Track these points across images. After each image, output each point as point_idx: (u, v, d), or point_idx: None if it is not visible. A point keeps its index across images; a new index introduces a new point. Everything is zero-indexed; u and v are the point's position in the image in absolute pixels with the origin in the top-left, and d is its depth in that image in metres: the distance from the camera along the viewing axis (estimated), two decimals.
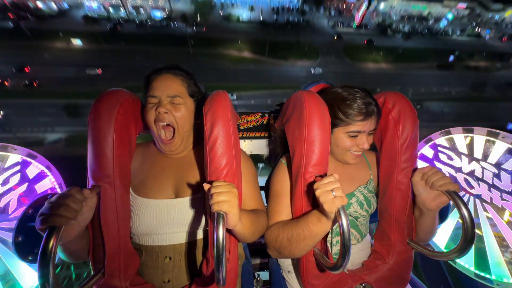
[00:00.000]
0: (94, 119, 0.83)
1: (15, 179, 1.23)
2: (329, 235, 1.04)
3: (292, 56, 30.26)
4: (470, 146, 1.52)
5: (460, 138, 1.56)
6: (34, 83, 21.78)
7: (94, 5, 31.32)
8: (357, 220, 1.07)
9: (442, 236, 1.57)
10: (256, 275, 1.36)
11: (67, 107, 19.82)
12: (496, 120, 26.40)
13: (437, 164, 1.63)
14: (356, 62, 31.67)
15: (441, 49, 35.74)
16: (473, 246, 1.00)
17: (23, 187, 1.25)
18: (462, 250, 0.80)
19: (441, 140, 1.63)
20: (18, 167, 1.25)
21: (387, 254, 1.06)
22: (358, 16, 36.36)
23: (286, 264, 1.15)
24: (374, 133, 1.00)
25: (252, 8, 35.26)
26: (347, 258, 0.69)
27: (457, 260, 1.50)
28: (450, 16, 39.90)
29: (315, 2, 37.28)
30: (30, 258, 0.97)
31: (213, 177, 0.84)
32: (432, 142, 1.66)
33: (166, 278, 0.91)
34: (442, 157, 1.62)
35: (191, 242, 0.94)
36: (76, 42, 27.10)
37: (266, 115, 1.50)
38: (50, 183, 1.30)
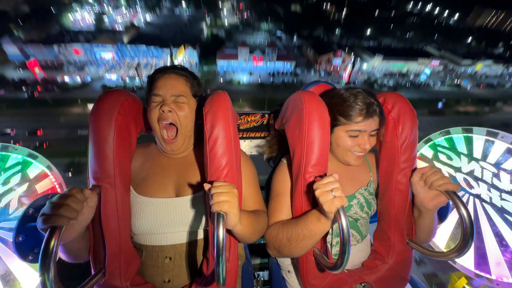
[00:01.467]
0: (94, 119, 0.83)
1: (16, 179, 1.24)
2: (329, 236, 1.04)
3: None
4: (470, 146, 1.52)
5: (459, 138, 1.56)
6: (44, 144, 22.88)
7: (113, 77, 35.26)
8: (357, 222, 1.07)
9: (442, 236, 1.57)
10: (256, 275, 1.36)
11: (70, 165, 20.32)
12: None
13: (437, 164, 1.64)
14: None
15: (428, 98, 37.69)
16: (472, 246, 1.00)
17: (24, 187, 1.25)
18: (461, 249, 0.80)
19: (441, 140, 1.63)
20: (19, 167, 1.25)
21: (387, 254, 1.06)
22: (345, 75, 40.29)
23: (286, 264, 1.16)
24: (376, 134, 1.00)
25: (251, 74, 40.20)
26: (347, 258, 0.69)
27: (457, 260, 1.50)
28: (427, 71, 44.64)
29: (306, 66, 43.56)
30: (30, 258, 0.97)
31: (213, 177, 0.84)
32: (431, 142, 1.67)
33: (167, 278, 0.91)
34: (442, 157, 1.62)
35: (192, 242, 0.94)
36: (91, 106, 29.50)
37: (266, 115, 1.51)
38: (50, 183, 1.30)
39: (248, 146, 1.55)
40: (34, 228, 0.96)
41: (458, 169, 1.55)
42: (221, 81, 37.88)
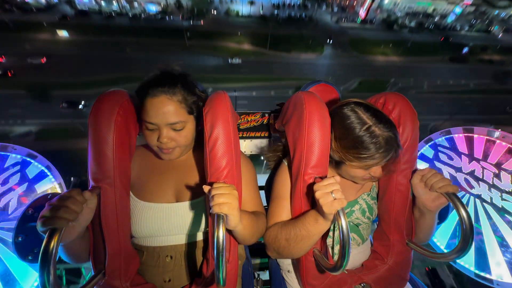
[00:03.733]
0: (94, 120, 0.83)
1: (15, 179, 1.23)
2: (329, 239, 1.04)
3: (296, 49, 29.60)
4: (470, 146, 1.52)
5: (460, 138, 1.56)
6: (9, 73, 20.80)
7: None
8: (358, 227, 1.06)
9: (442, 236, 1.57)
10: (256, 275, 1.36)
11: (32, 88, 18.32)
12: None
13: (437, 164, 1.63)
14: (364, 55, 30.87)
15: (452, 42, 35.41)
16: (472, 247, 1.00)
17: (23, 187, 1.24)
18: (461, 250, 0.80)
19: (441, 140, 1.63)
20: (18, 167, 1.24)
21: (386, 255, 1.06)
22: (362, 10, 35.84)
23: (286, 264, 1.16)
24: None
25: (252, 3, 34.78)
26: (347, 260, 0.69)
27: (457, 260, 1.50)
28: (458, 10, 39.81)
29: None
30: (30, 258, 0.97)
31: (213, 178, 0.84)
32: (432, 142, 1.66)
33: (167, 277, 0.91)
34: (442, 157, 1.61)
35: (192, 243, 0.94)
36: (62, 33, 25.75)
37: (266, 115, 1.50)
38: (50, 182, 1.30)
39: (248, 146, 1.55)
40: (34, 228, 0.96)
41: (458, 169, 1.55)
42: (215, 13, 32.67)
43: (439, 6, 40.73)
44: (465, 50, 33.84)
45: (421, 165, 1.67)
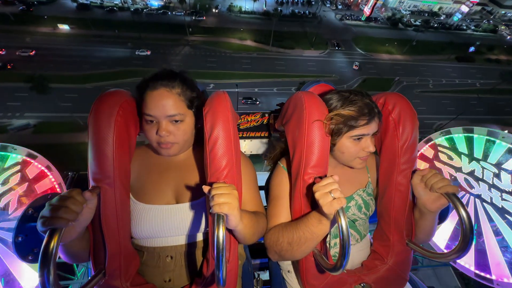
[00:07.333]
0: (94, 120, 0.83)
1: (15, 179, 1.24)
2: (328, 236, 1.04)
3: (299, 46, 29.68)
4: (470, 146, 1.52)
5: (460, 138, 1.56)
6: (8, 65, 21.11)
7: None
8: (355, 222, 1.07)
9: (442, 236, 1.57)
10: (256, 275, 1.36)
11: (31, 79, 18.53)
12: None
13: (438, 164, 1.63)
14: (368, 53, 30.85)
15: (458, 42, 34.96)
16: (472, 247, 1.00)
17: (23, 187, 1.25)
18: (460, 251, 0.80)
19: (441, 140, 1.63)
20: (18, 167, 1.25)
21: (386, 255, 1.06)
22: (367, 8, 35.74)
23: (286, 264, 1.16)
24: (377, 134, 0.97)
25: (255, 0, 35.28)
26: (346, 259, 0.69)
27: (457, 261, 1.51)
28: (464, 8, 39.17)
29: None
30: (30, 258, 0.97)
31: (213, 178, 0.84)
32: (432, 142, 1.66)
33: (167, 277, 0.91)
34: (442, 157, 1.62)
35: (192, 243, 0.94)
36: (64, 27, 26.12)
37: (266, 115, 1.50)
38: (50, 182, 1.30)
39: (248, 146, 1.55)
40: (34, 228, 0.96)
41: (458, 169, 1.55)
42: (216, 11, 32.85)
43: (445, 4, 40.28)
44: (471, 49, 33.36)
45: (421, 165, 1.67)
